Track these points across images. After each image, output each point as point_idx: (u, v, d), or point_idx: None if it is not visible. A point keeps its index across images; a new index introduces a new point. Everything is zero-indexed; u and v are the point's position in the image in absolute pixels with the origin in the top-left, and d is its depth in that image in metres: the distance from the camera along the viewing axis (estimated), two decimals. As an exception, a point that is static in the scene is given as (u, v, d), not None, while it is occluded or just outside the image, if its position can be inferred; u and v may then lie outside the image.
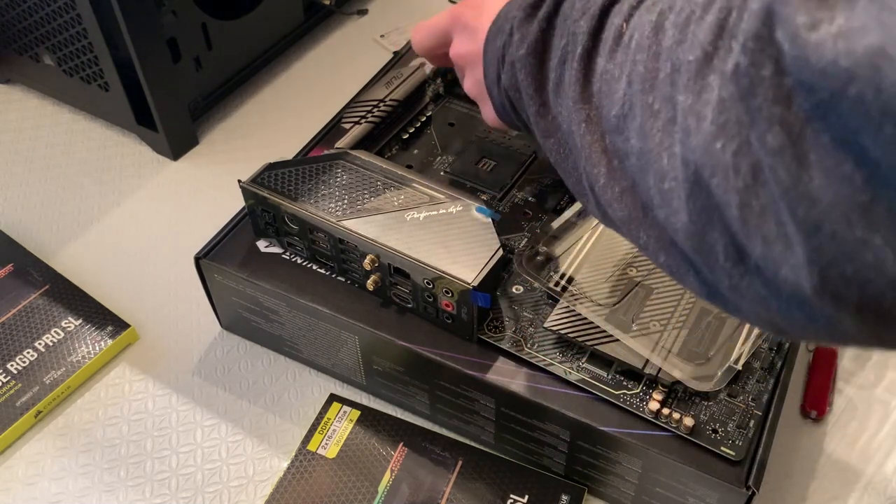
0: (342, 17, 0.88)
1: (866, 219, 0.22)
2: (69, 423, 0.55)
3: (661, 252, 0.31)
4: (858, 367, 0.57)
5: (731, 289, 0.27)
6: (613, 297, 0.49)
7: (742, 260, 0.26)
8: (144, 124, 0.72)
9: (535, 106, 0.40)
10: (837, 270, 0.23)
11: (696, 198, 0.27)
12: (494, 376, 0.47)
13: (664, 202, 0.29)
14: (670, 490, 0.46)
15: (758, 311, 0.27)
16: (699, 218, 0.27)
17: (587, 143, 0.34)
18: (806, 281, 0.24)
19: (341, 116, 0.61)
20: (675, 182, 0.28)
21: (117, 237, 0.66)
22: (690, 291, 0.32)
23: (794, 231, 0.23)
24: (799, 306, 0.25)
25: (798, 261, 0.24)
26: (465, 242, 0.48)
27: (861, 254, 0.22)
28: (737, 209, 0.25)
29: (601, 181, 0.34)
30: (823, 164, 0.22)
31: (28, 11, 0.69)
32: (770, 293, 0.26)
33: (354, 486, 0.50)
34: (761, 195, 0.24)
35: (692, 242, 0.28)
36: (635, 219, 0.32)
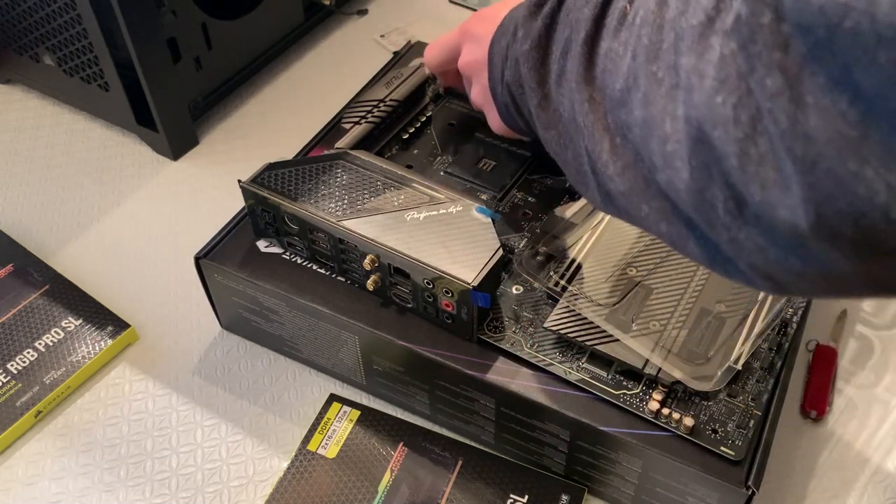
0: (342, 17, 0.88)
1: (859, 153, 0.23)
2: (69, 423, 0.55)
3: (663, 222, 0.32)
4: (858, 367, 0.57)
5: (731, 242, 0.29)
6: (613, 297, 0.49)
7: (741, 211, 0.27)
8: (144, 124, 0.72)
9: (537, 98, 0.41)
10: (832, 206, 0.24)
11: (698, 154, 0.28)
12: (494, 376, 0.47)
13: (667, 164, 0.30)
14: (670, 490, 0.46)
15: (756, 264, 0.29)
16: (700, 175, 0.28)
17: (590, 123, 0.35)
18: (803, 220, 0.25)
19: (341, 116, 0.61)
20: (677, 144, 0.29)
21: (117, 237, 0.66)
22: (691, 259, 0.33)
23: (791, 171, 0.25)
24: (795, 251, 0.26)
25: (795, 200, 0.25)
26: (465, 242, 0.48)
27: (854, 187, 0.23)
28: (736, 158, 0.26)
29: (603, 158, 0.35)
30: (819, 104, 0.23)
31: (28, 11, 0.69)
32: (767, 241, 0.27)
33: (354, 486, 0.50)
34: (760, 143, 0.25)
35: (693, 200, 0.29)
36: (637, 191, 0.33)
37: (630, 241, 0.52)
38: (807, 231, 0.25)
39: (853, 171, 0.23)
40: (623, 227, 0.53)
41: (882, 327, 0.59)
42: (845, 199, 0.24)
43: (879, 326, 0.59)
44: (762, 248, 0.28)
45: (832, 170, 0.24)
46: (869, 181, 0.23)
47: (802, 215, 0.25)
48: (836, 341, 0.57)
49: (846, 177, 0.23)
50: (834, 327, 0.58)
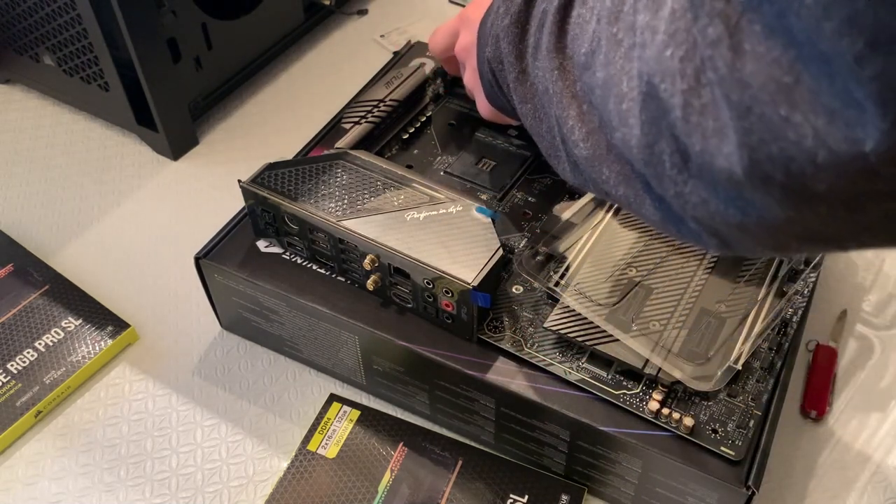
0: (342, 17, 0.88)
1: (790, 99, 0.24)
2: (69, 423, 0.55)
3: (622, 185, 0.34)
4: (858, 367, 0.57)
5: (677, 197, 0.30)
6: (613, 297, 0.49)
7: (685, 164, 0.29)
8: (144, 124, 0.72)
9: (515, 72, 0.42)
10: (765, 151, 0.25)
11: (648, 108, 0.29)
12: (494, 376, 0.47)
13: (622, 123, 0.31)
14: (670, 490, 0.46)
15: (701, 219, 0.30)
16: (650, 129, 0.30)
17: (559, 91, 0.37)
18: (738, 166, 0.26)
19: (341, 116, 0.61)
20: (631, 102, 0.30)
21: (117, 237, 0.66)
22: (647, 220, 0.35)
23: (728, 118, 0.26)
24: (734, 201, 0.28)
25: (731, 147, 0.26)
26: (465, 242, 0.48)
27: (784, 132, 0.24)
28: (680, 110, 0.28)
29: (569, 123, 0.36)
30: (756, 51, 0.24)
31: (28, 11, 0.69)
32: (709, 193, 0.29)
33: (354, 486, 0.50)
34: (703, 94, 0.27)
35: (644, 155, 0.31)
36: (600, 156, 0.35)
37: (630, 241, 0.52)
38: (742, 177, 0.26)
39: (784, 115, 0.24)
40: (623, 226, 0.53)
41: (882, 327, 0.59)
42: (776, 144, 0.25)
43: (879, 326, 0.59)
44: (705, 201, 0.29)
45: (765, 115, 0.25)
46: (798, 126, 0.24)
47: (737, 161, 0.26)
48: (836, 341, 0.57)
49: (778, 122, 0.24)
50: (834, 327, 0.58)
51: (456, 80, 0.65)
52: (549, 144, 0.40)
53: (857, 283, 0.62)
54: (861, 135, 0.23)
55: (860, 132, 0.23)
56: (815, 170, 0.25)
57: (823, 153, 0.24)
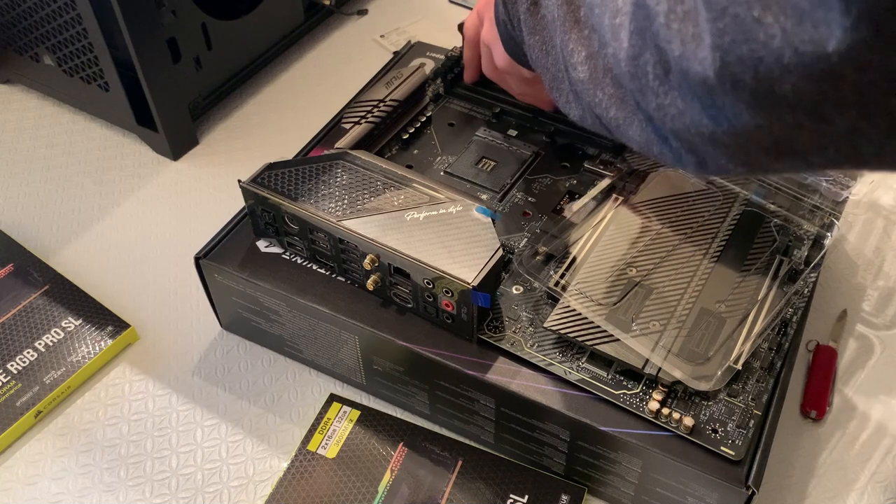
0: (342, 17, 0.88)
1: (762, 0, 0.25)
2: (69, 423, 0.55)
3: (613, 106, 0.35)
4: (858, 367, 0.57)
5: (658, 109, 0.31)
6: (613, 297, 0.49)
7: (666, 75, 0.30)
8: (144, 124, 0.72)
9: (527, 4, 0.44)
10: (735, 52, 0.26)
11: (636, 18, 0.31)
12: (494, 376, 0.47)
13: (613, 37, 0.33)
14: (670, 490, 0.46)
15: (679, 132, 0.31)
16: (637, 40, 0.31)
17: (563, 14, 0.39)
18: (710, 68, 0.27)
19: (341, 116, 0.61)
20: (624, 16, 0.32)
21: (117, 237, 0.66)
22: (633, 144, 0.36)
23: (704, 20, 0.27)
24: (707, 110, 0.29)
25: (705, 52, 0.27)
26: (465, 242, 0.48)
27: (755, 33, 0.25)
28: (664, 17, 0.29)
29: (570, 47, 0.38)
30: None
31: (28, 11, 0.69)
32: (686, 104, 0.30)
33: (354, 486, 0.50)
34: (686, 1, 0.28)
35: (630, 68, 0.32)
36: (595, 79, 0.36)
37: (630, 241, 0.52)
38: (714, 81, 0.28)
39: (756, 16, 0.25)
40: (623, 226, 0.53)
41: (882, 327, 0.59)
42: (747, 46, 0.26)
43: (879, 326, 0.59)
44: (682, 112, 0.30)
45: (738, 16, 0.26)
46: (768, 26, 0.25)
47: (710, 64, 0.27)
48: (836, 341, 0.57)
49: (749, 22, 0.25)
50: (834, 327, 0.58)
51: (456, 80, 0.65)
52: (552, 76, 0.41)
53: (857, 283, 0.62)
54: (826, 34, 0.24)
55: (825, 31, 0.24)
56: (781, 71, 0.25)
57: (790, 54, 0.25)
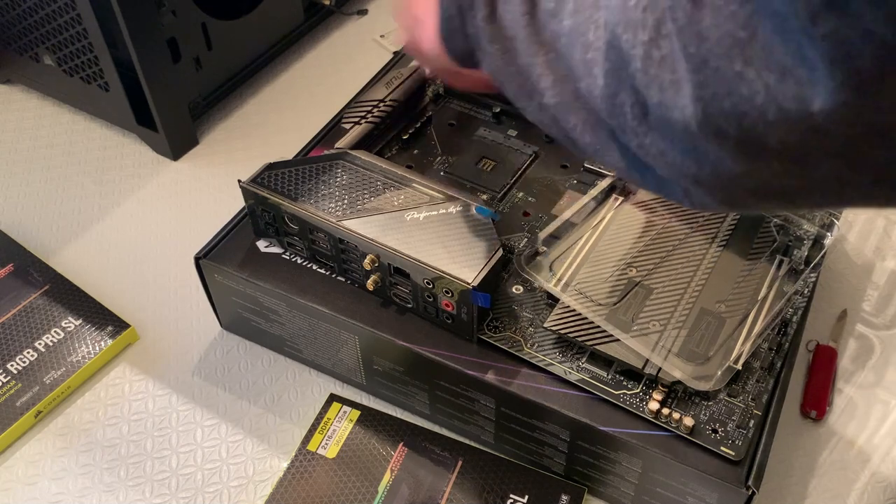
0: (342, 17, 0.88)
1: (744, 54, 0.24)
2: (69, 423, 0.55)
3: (588, 132, 0.34)
4: (858, 367, 0.57)
5: (639, 148, 0.31)
6: (613, 297, 0.49)
7: (645, 116, 0.29)
8: (144, 124, 0.72)
9: (486, 10, 0.42)
10: (718, 105, 0.26)
11: (610, 58, 0.30)
12: (494, 376, 0.47)
13: (586, 72, 0.32)
14: (670, 490, 0.46)
15: (665, 166, 0.30)
16: (612, 79, 0.30)
17: (526, 36, 0.37)
18: (692, 118, 0.27)
19: (341, 116, 0.61)
20: (596, 52, 0.31)
21: (117, 237, 0.66)
22: (613, 168, 0.35)
23: (684, 70, 0.26)
24: (690, 153, 0.28)
25: (686, 100, 0.27)
26: (465, 242, 0.48)
27: (738, 87, 0.25)
28: (640, 61, 0.28)
29: (537, 71, 0.37)
30: (714, 4, 0.25)
31: (28, 11, 0.69)
32: (667, 145, 0.29)
33: (354, 486, 0.50)
34: (662, 46, 0.27)
35: (607, 106, 0.31)
36: (566, 104, 0.35)
37: (630, 241, 0.52)
38: (696, 130, 0.27)
39: (738, 70, 0.25)
40: (623, 226, 0.53)
41: (882, 327, 0.59)
42: (729, 99, 0.25)
43: (879, 326, 0.59)
44: (663, 153, 0.29)
45: (720, 69, 0.25)
46: (751, 81, 0.25)
47: (692, 114, 0.27)
48: (836, 341, 0.57)
49: (732, 76, 0.25)
50: (834, 327, 0.58)
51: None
52: (518, 86, 0.40)
53: (857, 283, 0.62)
54: (810, 93, 0.23)
55: (809, 91, 0.23)
56: (766, 126, 0.25)
57: (774, 110, 0.25)
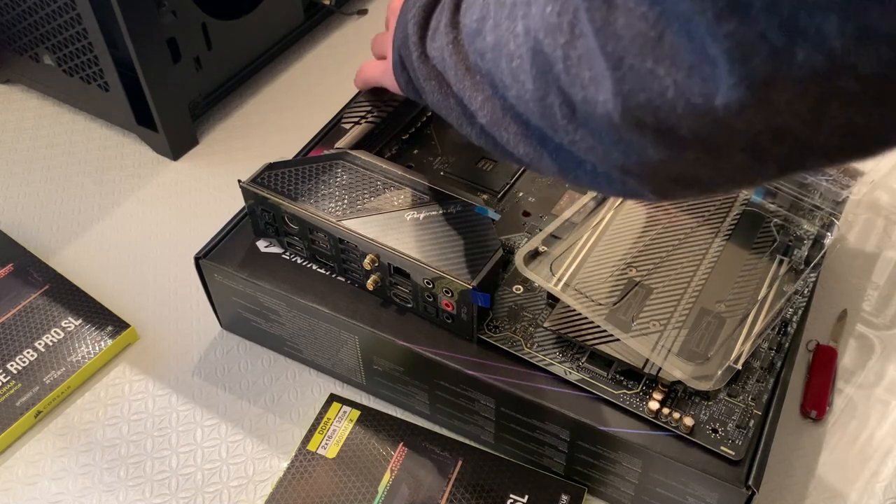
0: (342, 17, 0.88)
1: (654, 52, 0.26)
2: (69, 423, 0.55)
3: (520, 144, 0.36)
4: (858, 367, 0.57)
5: (571, 145, 0.32)
6: (613, 297, 0.49)
7: (573, 113, 0.31)
8: (144, 124, 0.72)
9: (418, 52, 0.44)
10: (635, 99, 0.27)
11: (536, 63, 0.31)
12: (494, 376, 0.47)
13: (514, 80, 0.33)
14: (670, 490, 0.46)
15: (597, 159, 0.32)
16: (540, 83, 0.31)
17: (454, 64, 0.39)
18: (614, 111, 0.28)
19: (341, 116, 0.61)
20: (520, 59, 0.32)
21: (117, 237, 0.66)
22: (547, 175, 0.36)
23: (602, 68, 0.28)
24: (616, 145, 0.30)
25: (607, 95, 0.28)
26: (465, 242, 0.48)
27: (650, 83, 0.26)
28: (562, 62, 0.29)
29: (467, 94, 0.38)
30: (626, 5, 0.26)
31: (28, 11, 0.69)
32: (595, 139, 0.30)
33: (354, 486, 0.50)
34: (579, 46, 0.28)
35: (538, 109, 0.32)
36: (497, 121, 0.37)
37: (630, 241, 0.52)
38: (619, 122, 0.28)
39: (649, 68, 0.26)
40: (623, 226, 0.53)
41: (882, 327, 0.59)
42: (644, 94, 0.27)
43: (879, 326, 0.59)
44: (593, 147, 0.31)
45: (634, 66, 0.27)
46: (661, 78, 0.26)
47: (613, 108, 0.28)
48: (836, 341, 0.57)
49: (644, 73, 0.26)
50: (834, 327, 0.58)
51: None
52: (457, 117, 0.42)
53: (857, 283, 0.62)
54: (713, 89, 0.25)
55: (712, 86, 0.25)
56: (678, 118, 0.27)
57: (682, 104, 0.26)
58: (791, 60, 0.23)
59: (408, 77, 0.47)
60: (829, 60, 0.23)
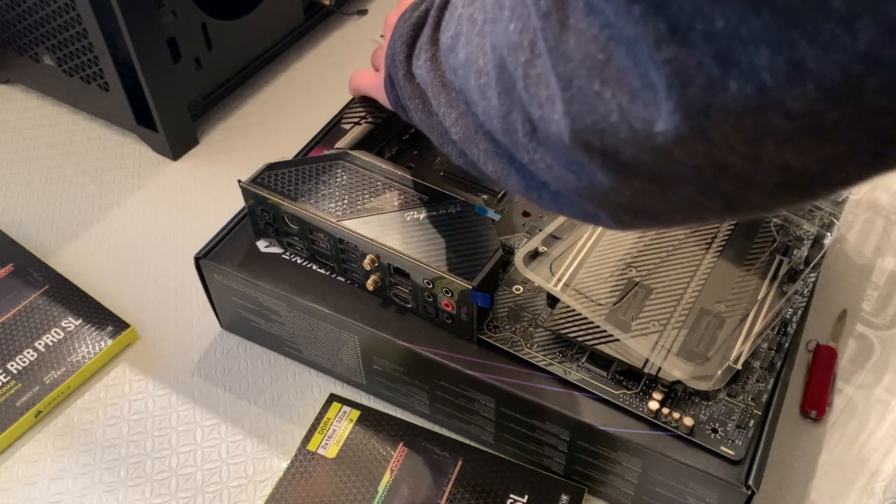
0: (342, 17, 0.88)
1: (602, 75, 0.26)
2: (69, 423, 0.55)
3: (490, 161, 0.36)
4: (858, 367, 0.57)
5: (531, 164, 0.32)
6: (613, 297, 0.49)
7: (534, 132, 0.31)
8: (144, 124, 0.72)
9: (404, 70, 0.44)
10: (583, 121, 0.27)
11: (501, 80, 0.31)
12: (494, 376, 0.47)
13: (482, 96, 0.33)
14: (670, 490, 0.46)
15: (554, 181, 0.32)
16: (505, 99, 0.31)
17: (431, 80, 0.40)
18: (564, 132, 0.28)
19: (341, 116, 0.61)
20: (487, 75, 0.32)
21: (117, 237, 0.66)
22: (516, 193, 0.36)
23: (555, 88, 0.28)
24: (569, 167, 0.30)
25: (559, 115, 0.28)
26: (465, 242, 0.48)
27: (597, 105, 0.27)
28: (522, 80, 0.30)
29: (442, 110, 0.39)
30: (578, 27, 0.26)
31: (28, 11, 0.69)
32: (552, 159, 0.31)
33: (354, 486, 0.50)
34: (537, 65, 0.29)
35: (502, 126, 0.32)
36: (469, 137, 0.37)
37: (630, 241, 0.52)
38: (569, 143, 0.28)
39: (596, 90, 0.26)
40: (623, 227, 0.53)
41: (882, 327, 0.59)
42: (591, 116, 0.27)
43: (879, 326, 0.59)
44: (550, 167, 0.31)
45: (582, 88, 0.27)
46: (607, 101, 0.26)
47: (564, 128, 0.28)
48: (836, 341, 0.57)
49: (592, 95, 0.27)
50: (834, 327, 0.58)
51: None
52: (438, 135, 0.42)
53: (857, 283, 0.62)
54: (654, 115, 0.25)
55: (653, 113, 0.25)
56: (622, 143, 0.27)
57: (625, 129, 0.26)
58: (725, 91, 0.23)
59: (396, 95, 0.47)
60: (761, 93, 0.23)
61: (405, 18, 0.45)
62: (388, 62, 0.46)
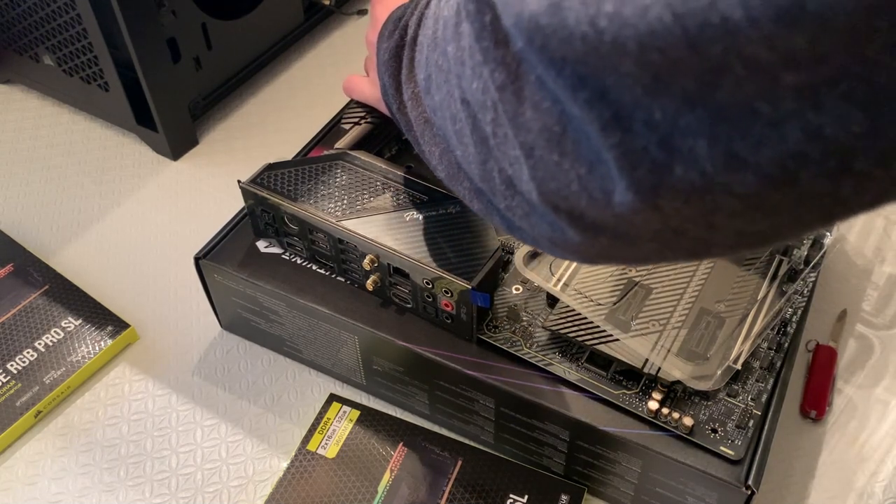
0: (342, 17, 0.88)
1: (560, 147, 0.26)
2: (69, 423, 0.55)
3: (474, 200, 0.36)
4: (858, 367, 0.57)
5: (509, 210, 0.32)
6: (613, 297, 0.49)
7: (511, 182, 0.31)
8: (144, 124, 0.72)
9: (397, 104, 0.44)
10: (547, 186, 0.28)
11: (475, 131, 0.31)
12: (494, 376, 0.47)
13: (459, 142, 0.33)
14: (670, 490, 0.46)
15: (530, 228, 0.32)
16: (481, 148, 0.31)
17: (416, 116, 0.39)
18: (533, 194, 0.29)
19: (341, 116, 0.61)
20: (461, 123, 0.32)
21: (117, 237, 0.66)
22: (501, 229, 0.37)
23: (518, 153, 0.28)
24: (542, 218, 0.30)
25: (526, 177, 0.29)
26: (465, 242, 0.48)
27: (558, 174, 0.27)
28: (492, 139, 0.30)
29: (427, 147, 0.39)
30: (533, 99, 0.26)
31: (28, 11, 0.69)
32: (527, 209, 0.31)
33: (354, 486, 0.50)
34: (503, 125, 0.29)
35: (480, 172, 0.32)
36: (452, 175, 0.37)
37: (630, 241, 0.52)
38: (537, 202, 0.29)
39: (556, 160, 0.27)
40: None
41: (882, 327, 0.59)
42: (554, 183, 0.27)
43: (879, 326, 0.59)
44: (527, 215, 0.31)
45: (543, 157, 0.27)
46: (566, 171, 0.27)
47: (532, 189, 0.29)
48: (836, 341, 0.57)
49: (552, 165, 0.27)
50: (834, 327, 0.58)
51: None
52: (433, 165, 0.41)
53: (857, 283, 0.62)
54: (611, 187, 0.25)
55: (610, 185, 0.25)
56: (584, 208, 0.27)
57: (586, 197, 0.27)
58: (671, 174, 0.24)
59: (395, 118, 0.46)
60: (704, 179, 0.23)
61: (384, 48, 0.44)
62: (382, 94, 0.46)
